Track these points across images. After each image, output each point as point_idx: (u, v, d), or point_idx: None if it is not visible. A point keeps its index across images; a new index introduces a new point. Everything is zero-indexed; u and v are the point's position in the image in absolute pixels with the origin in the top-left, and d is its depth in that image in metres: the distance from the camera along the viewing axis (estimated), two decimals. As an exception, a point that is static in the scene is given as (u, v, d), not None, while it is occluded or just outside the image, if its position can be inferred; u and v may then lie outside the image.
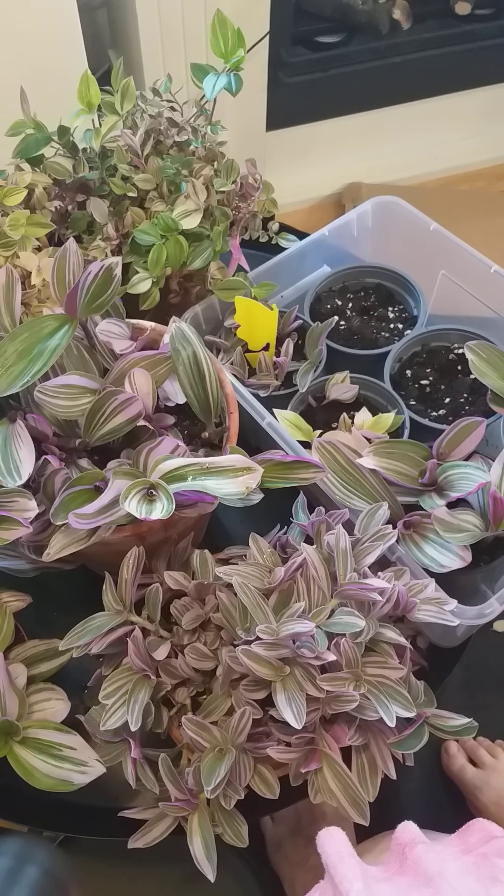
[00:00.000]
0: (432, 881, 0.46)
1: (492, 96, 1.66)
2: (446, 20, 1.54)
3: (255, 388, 0.73)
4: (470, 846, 0.52)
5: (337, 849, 0.47)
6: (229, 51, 0.69)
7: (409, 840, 0.49)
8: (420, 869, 0.47)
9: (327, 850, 0.48)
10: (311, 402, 0.75)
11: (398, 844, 0.49)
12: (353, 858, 0.47)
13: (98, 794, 0.57)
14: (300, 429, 0.69)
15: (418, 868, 0.47)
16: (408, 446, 0.62)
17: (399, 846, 0.49)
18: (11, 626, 0.58)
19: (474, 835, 0.53)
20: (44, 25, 0.94)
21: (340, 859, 0.47)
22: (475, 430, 0.61)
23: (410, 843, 0.49)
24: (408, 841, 0.49)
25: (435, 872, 0.46)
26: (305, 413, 0.74)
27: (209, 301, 0.77)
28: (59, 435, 0.59)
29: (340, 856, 0.47)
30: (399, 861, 0.49)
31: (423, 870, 0.47)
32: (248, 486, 0.48)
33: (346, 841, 0.48)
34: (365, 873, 0.46)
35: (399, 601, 0.53)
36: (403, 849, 0.49)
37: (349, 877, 0.45)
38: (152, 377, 0.58)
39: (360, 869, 0.46)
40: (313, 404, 0.75)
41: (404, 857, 0.49)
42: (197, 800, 0.53)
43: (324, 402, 0.74)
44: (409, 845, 0.49)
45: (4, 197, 0.69)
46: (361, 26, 1.48)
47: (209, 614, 0.57)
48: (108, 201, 0.74)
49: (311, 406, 0.75)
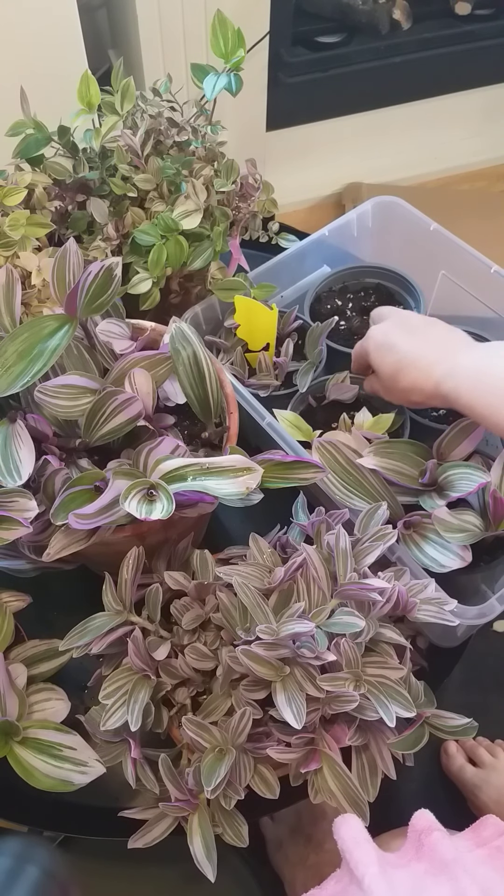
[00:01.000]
0: (448, 867, 0.46)
1: (492, 96, 1.66)
2: (446, 20, 1.54)
3: (255, 389, 0.73)
4: (484, 840, 0.52)
5: (353, 834, 0.47)
6: (229, 51, 0.69)
7: (425, 826, 0.49)
8: (436, 855, 0.47)
9: (343, 835, 0.48)
10: (311, 401, 0.75)
11: (414, 831, 0.50)
12: (368, 844, 0.47)
13: (98, 794, 0.57)
14: (300, 429, 0.69)
15: (434, 855, 0.47)
16: (408, 446, 0.62)
17: (415, 833, 0.49)
18: (11, 626, 0.58)
19: (488, 829, 0.53)
20: (44, 25, 0.94)
21: (356, 844, 0.47)
22: (475, 430, 0.61)
23: (427, 829, 0.49)
24: (424, 828, 0.49)
25: (451, 859, 0.46)
26: (305, 413, 0.74)
27: (209, 301, 0.77)
28: (59, 435, 0.59)
29: (356, 841, 0.47)
30: (415, 847, 0.49)
31: (440, 856, 0.47)
32: (248, 486, 0.48)
33: (361, 827, 0.48)
34: (381, 859, 0.46)
35: (399, 601, 0.53)
36: (420, 835, 0.49)
37: (364, 861, 0.45)
38: (152, 377, 0.58)
39: (375, 854, 0.46)
40: (313, 404, 0.75)
41: (420, 844, 0.49)
42: (197, 800, 0.53)
43: (324, 402, 0.74)
44: (426, 832, 0.49)
45: (4, 197, 0.69)
46: (361, 26, 1.48)
47: (209, 614, 0.57)
48: (108, 201, 0.74)
49: (311, 406, 0.75)
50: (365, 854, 0.46)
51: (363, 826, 0.49)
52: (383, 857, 0.47)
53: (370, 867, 0.44)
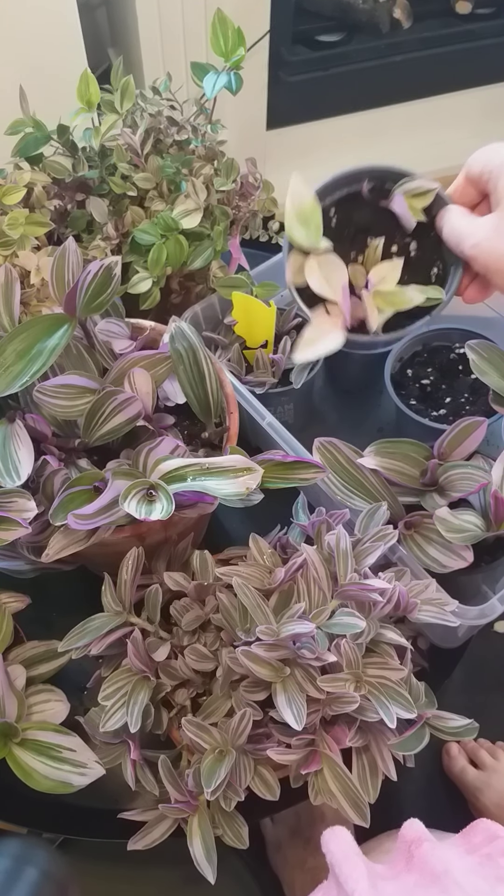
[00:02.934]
0: (439, 880, 0.45)
1: (492, 96, 1.66)
2: (447, 19, 1.54)
3: (252, 385, 0.73)
4: (474, 846, 0.52)
5: (341, 847, 0.47)
6: (229, 49, 0.69)
7: (414, 837, 0.49)
8: (427, 867, 0.47)
9: (332, 848, 0.47)
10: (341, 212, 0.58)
11: (404, 842, 0.49)
12: (357, 857, 0.46)
13: (97, 795, 0.57)
14: (307, 223, 0.54)
15: (425, 866, 0.47)
16: (409, 446, 0.62)
17: (405, 844, 0.49)
18: (10, 627, 0.58)
19: (478, 835, 0.52)
20: (43, 24, 0.94)
21: (345, 858, 0.46)
22: (476, 429, 0.61)
23: (416, 840, 0.48)
24: (414, 838, 0.49)
25: (441, 871, 0.46)
26: (336, 227, 0.58)
27: (209, 300, 0.77)
28: (59, 435, 0.59)
29: (345, 854, 0.47)
30: (405, 859, 0.49)
31: (430, 868, 0.46)
32: (248, 486, 0.48)
33: (350, 840, 0.48)
34: (370, 872, 0.46)
35: (400, 602, 0.52)
36: (409, 846, 0.49)
37: (354, 876, 0.45)
38: (152, 377, 0.58)
39: (365, 867, 0.46)
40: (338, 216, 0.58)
41: (410, 855, 0.48)
42: (197, 801, 0.53)
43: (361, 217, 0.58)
44: (415, 843, 0.48)
45: (3, 195, 0.69)
46: (362, 25, 1.48)
47: (209, 615, 0.57)
48: (107, 200, 0.74)
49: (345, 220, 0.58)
50: (354, 868, 0.45)
51: (352, 839, 0.48)
52: (373, 868, 0.47)
53: (360, 882, 0.44)
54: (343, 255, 0.56)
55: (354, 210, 0.58)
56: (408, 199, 0.55)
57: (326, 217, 0.57)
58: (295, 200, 0.54)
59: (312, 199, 0.55)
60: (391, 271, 0.56)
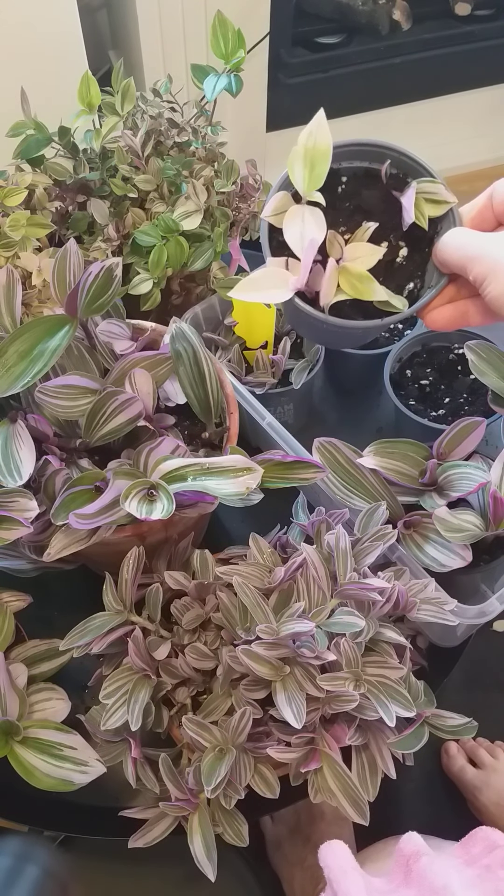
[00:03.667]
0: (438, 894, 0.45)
1: (492, 97, 1.66)
2: (446, 21, 1.54)
3: (252, 386, 0.74)
4: (473, 857, 0.51)
5: (339, 863, 0.47)
6: (230, 52, 0.69)
7: (413, 851, 0.49)
8: (425, 882, 0.46)
9: (330, 864, 0.47)
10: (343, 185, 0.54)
11: (402, 856, 0.49)
12: (355, 872, 0.46)
13: (98, 793, 0.57)
14: (315, 166, 0.51)
15: (423, 881, 0.47)
16: (408, 446, 0.62)
17: (403, 857, 0.49)
18: (12, 625, 0.58)
19: (477, 845, 0.52)
20: (44, 26, 0.95)
21: (343, 873, 0.46)
22: (475, 429, 0.61)
23: (415, 854, 0.48)
24: (412, 852, 0.49)
25: (440, 885, 0.46)
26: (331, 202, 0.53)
27: (209, 301, 0.77)
28: (60, 435, 0.59)
29: (343, 870, 0.47)
30: (403, 873, 0.49)
31: (429, 883, 0.46)
32: (248, 486, 0.48)
33: (348, 854, 0.48)
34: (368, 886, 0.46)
35: (399, 601, 0.53)
36: (408, 860, 0.49)
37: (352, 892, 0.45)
38: (153, 377, 0.58)
39: (363, 882, 0.46)
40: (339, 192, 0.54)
41: (409, 870, 0.48)
42: (197, 799, 0.53)
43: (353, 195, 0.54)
44: (414, 857, 0.48)
45: (5, 197, 0.69)
46: (361, 27, 1.49)
47: (209, 614, 0.57)
48: (108, 202, 0.74)
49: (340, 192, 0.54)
50: (352, 884, 0.45)
51: (350, 853, 0.48)
52: (370, 883, 0.47)
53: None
54: (332, 224, 0.51)
55: (364, 188, 0.54)
56: (419, 199, 0.52)
57: (336, 180, 0.53)
58: (311, 138, 0.50)
59: (329, 144, 0.50)
60: (370, 254, 0.50)
